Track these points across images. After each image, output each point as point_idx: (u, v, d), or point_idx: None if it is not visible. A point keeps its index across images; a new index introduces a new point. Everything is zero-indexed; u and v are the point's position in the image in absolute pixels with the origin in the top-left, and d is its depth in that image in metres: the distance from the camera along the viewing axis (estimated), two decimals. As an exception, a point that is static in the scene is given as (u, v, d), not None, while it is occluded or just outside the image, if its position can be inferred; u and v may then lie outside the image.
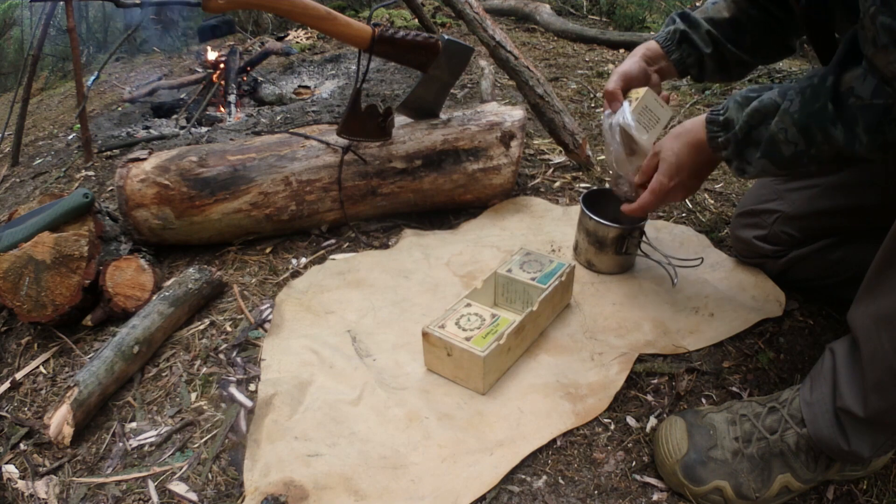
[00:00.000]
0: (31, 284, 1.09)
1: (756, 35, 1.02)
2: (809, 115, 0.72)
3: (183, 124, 2.23)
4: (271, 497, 0.78)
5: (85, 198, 1.18)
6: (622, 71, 1.05)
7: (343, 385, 0.96)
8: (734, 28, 1.02)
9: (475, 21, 1.66)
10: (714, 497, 0.78)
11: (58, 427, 0.90)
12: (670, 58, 1.05)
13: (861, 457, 0.74)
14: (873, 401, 0.70)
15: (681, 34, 1.04)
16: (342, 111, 1.97)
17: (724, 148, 0.85)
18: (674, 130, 0.93)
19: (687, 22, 1.04)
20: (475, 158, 1.36)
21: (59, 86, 3.78)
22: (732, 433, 0.80)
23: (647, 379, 0.98)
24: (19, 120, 2.13)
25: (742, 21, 1.01)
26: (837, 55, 0.71)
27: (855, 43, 0.67)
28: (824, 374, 0.76)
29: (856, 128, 0.67)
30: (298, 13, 1.19)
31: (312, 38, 3.36)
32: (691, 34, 1.03)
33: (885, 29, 0.58)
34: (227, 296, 1.20)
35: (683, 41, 1.04)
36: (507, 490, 0.81)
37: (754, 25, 1.01)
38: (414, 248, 1.30)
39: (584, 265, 1.22)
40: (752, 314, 1.08)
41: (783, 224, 1.07)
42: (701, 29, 1.03)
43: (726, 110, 0.84)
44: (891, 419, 0.71)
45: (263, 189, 1.27)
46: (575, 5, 3.66)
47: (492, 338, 0.92)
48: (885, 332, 0.67)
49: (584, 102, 2.15)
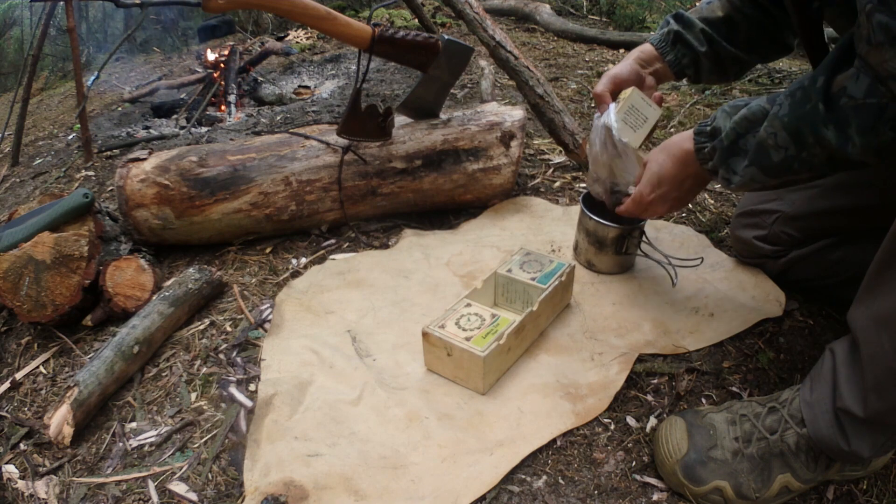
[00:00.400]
0: (31, 284, 1.09)
1: (751, 32, 1.02)
2: (799, 117, 0.70)
3: (183, 124, 2.23)
4: (271, 497, 0.78)
5: (85, 198, 1.18)
6: (612, 73, 1.05)
7: (343, 385, 0.96)
8: (728, 26, 1.01)
9: (475, 21, 1.66)
10: (714, 497, 0.78)
11: (58, 427, 0.90)
12: (665, 59, 1.05)
13: (861, 457, 0.74)
14: (873, 401, 0.69)
15: (675, 34, 1.03)
16: (342, 111, 1.97)
17: (710, 158, 0.83)
18: (663, 143, 0.93)
19: (681, 22, 1.03)
20: (475, 158, 1.36)
21: (59, 86, 3.78)
22: (732, 433, 0.80)
23: (647, 379, 0.98)
24: (19, 120, 2.13)
25: (736, 19, 1.01)
26: (829, 58, 0.69)
27: (848, 48, 0.66)
28: (824, 374, 0.76)
29: (848, 129, 0.65)
30: (298, 13, 1.19)
31: (312, 38, 3.36)
32: (685, 34, 1.03)
33: (882, 27, 0.57)
34: (227, 296, 1.20)
35: (678, 41, 1.04)
36: (507, 490, 0.81)
37: (749, 23, 1.01)
38: (414, 248, 1.30)
39: (584, 265, 1.22)
40: (752, 314, 1.08)
41: (783, 224, 1.07)
42: (695, 28, 1.02)
43: (714, 120, 0.83)
44: (890, 420, 0.70)
45: (263, 189, 1.27)
46: (575, 5, 3.66)
47: (492, 338, 0.92)
48: (885, 332, 0.67)
49: (584, 102, 2.15)
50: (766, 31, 1.01)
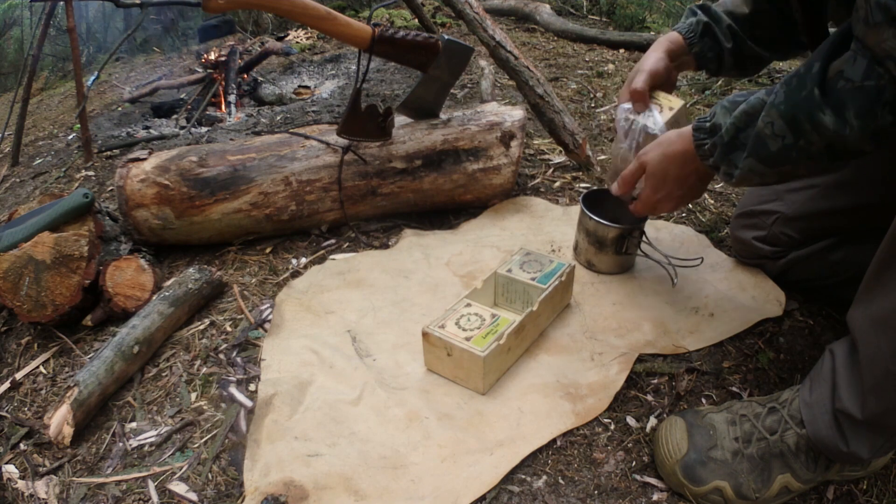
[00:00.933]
0: (31, 284, 1.09)
1: (773, 30, 1.01)
2: (795, 104, 0.69)
3: (183, 124, 2.23)
4: (271, 497, 0.78)
5: (85, 198, 1.18)
6: (651, 70, 1.03)
7: (343, 385, 0.96)
8: (752, 23, 1.01)
9: (475, 21, 1.66)
10: (714, 497, 0.78)
11: (58, 427, 0.90)
12: (692, 51, 1.04)
13: (860, 458, 0.74)
14: (871, 403, 0.69)
15: (704, 26, 1.02)
16: (342, 111, 1.97)
17: (710, 155, 0.83)
18: (659, 140, 0.92)
19: (709, 15, 1.02)
20: (475, 158, 1.36)
21: (59, 86, 3.78)
22: (732, 433, 0.80)
23: (647, 379, 0.98)
24: (19, 120, 2.13)
25: (760, 16, 1.01)
26: (824, 45, 0.69)
27: (844, 35, 0.66)
28: (824, 375, 0.76)
29: (846, 113, 0.64)
30: (298, 13, 1.19)
31: (312, 38, 3.36)
32: (714, 28, 1.02)
33: (880, 6, 0.57)
34: (227, 296, 1.20)
35: (706, 34, 1.03)
36: (507, 490, 0.81)
37: (770, 20, 1.00)
38: (414, 248, 1.30)
39: (584, 265, 1.22)
40: (752, 314, 1.08)
41: (782, 225, 1.07)
42: (722, 23, 1.02)
43: (713, 116, 0.82)
44: (889, 422, 0.70)
45: (263, 189, 1.27)
46: (575, 5, 3.66)
47: (492, 338, 0.92)
48: (883, 334, 0.67)
49: (584, 102, 2.15)
50: (785, 27, 1.01)
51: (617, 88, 2.31)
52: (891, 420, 0.70)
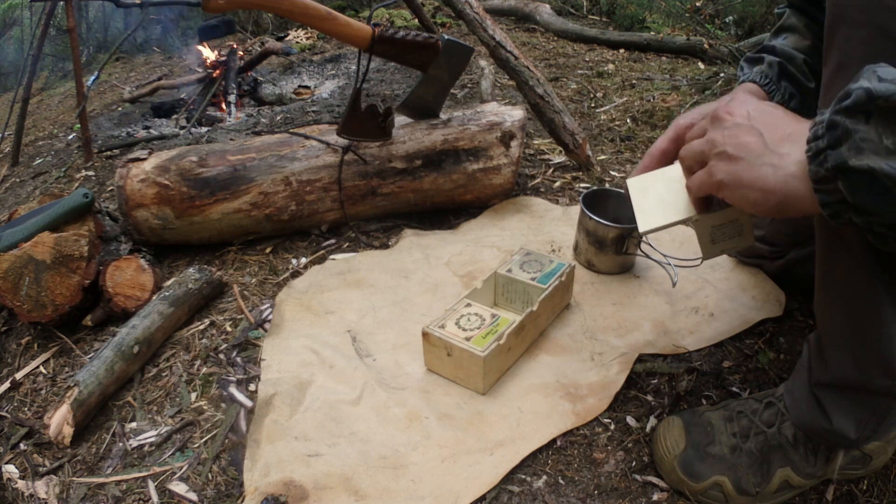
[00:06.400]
0: (31, 284, 1.09)
1: None
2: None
3: (183, 124, 2.23)
4: (271, 497, 0.78)
5: (85, 198, 1.18)
6: None
7: (343, 385, 0.96)
8: (818, 55, 0.73)
9: (475, 21, 1.66)
10: (714, 493, 0.78)
11: (58, 427, 0.90)
12: (773, 99, 0.82)
13: (848, 437, 0.73)
14: (833, 362, 0.70)
15: (779, 67, 0.83)
16: (342, 111, 1.97)
17: None
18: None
19: (778, 55, 0.84)
20: (475, 158, 1.36)
21: (59, 86, 3.78)
22: (730, 429, 0.80)
23: (647, 379, 0.98)
24: (19, 120, 2.13)
25: (819, 48, 0.75)
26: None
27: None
28: (802, 362, 0.77)
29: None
30: (298, 13, 1.19)
31: (312, 38, 3.36)
32: (789, 67, 0.83)
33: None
34: (227, 296, 1.20)
35: (783, 76, 0.83)
36: (507, 490, 0.81)
37: None
38: (414, 248, 1.30)
39: (584, 265, 1.22)
40: (752, 314, 1.08)
41: (780, 223, 1.07)
42: (796, 60, 0.83)
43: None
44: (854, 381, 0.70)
45: (263, 189, 1.27)
46: (575, 5, 3.66)
47: (492, 338, 0.92)
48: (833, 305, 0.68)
49: (584, 102, 2.15)
50: None
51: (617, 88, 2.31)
52: (854, 378, 0.69)
